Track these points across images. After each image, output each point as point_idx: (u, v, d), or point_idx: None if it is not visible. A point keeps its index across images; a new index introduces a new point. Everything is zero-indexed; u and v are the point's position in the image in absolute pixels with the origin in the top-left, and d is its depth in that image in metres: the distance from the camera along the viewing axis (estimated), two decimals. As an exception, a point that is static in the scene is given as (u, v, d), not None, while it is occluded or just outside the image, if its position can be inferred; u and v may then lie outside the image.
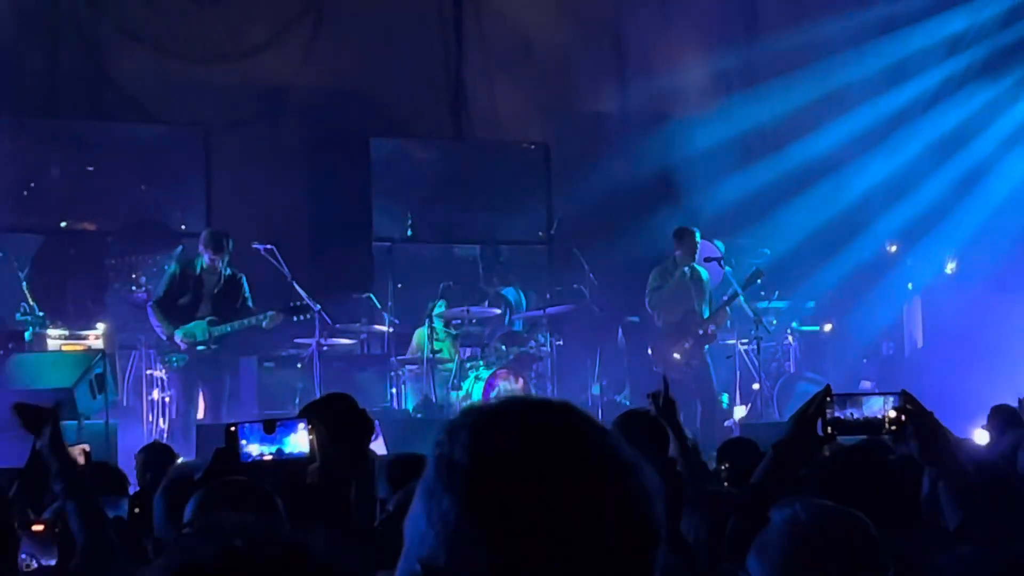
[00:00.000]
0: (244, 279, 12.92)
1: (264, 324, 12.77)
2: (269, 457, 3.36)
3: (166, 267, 13.27)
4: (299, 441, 3.35)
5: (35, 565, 4.34)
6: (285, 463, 3.35)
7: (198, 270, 12.80)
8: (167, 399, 13.42)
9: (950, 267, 17.00)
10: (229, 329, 12.71)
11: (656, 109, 16.77)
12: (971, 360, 15.25)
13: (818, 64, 16.93)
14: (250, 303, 12.90)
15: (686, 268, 13.74)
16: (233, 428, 3.39)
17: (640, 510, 1.69)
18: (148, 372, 13.76)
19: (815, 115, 17.02)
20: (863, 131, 17.34)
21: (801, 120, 16.96)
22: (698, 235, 13.79)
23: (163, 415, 13.51)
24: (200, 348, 12.71)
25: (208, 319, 12.69)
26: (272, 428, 3.38)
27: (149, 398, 13.67)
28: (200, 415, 12.87)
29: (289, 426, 3.38)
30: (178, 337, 12.66)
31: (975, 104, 17.29)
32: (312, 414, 3.82)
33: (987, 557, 3.85)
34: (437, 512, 1.67)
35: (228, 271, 12.83)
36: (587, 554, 1.64)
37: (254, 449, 3.36)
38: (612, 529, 1.66)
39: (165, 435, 12.86)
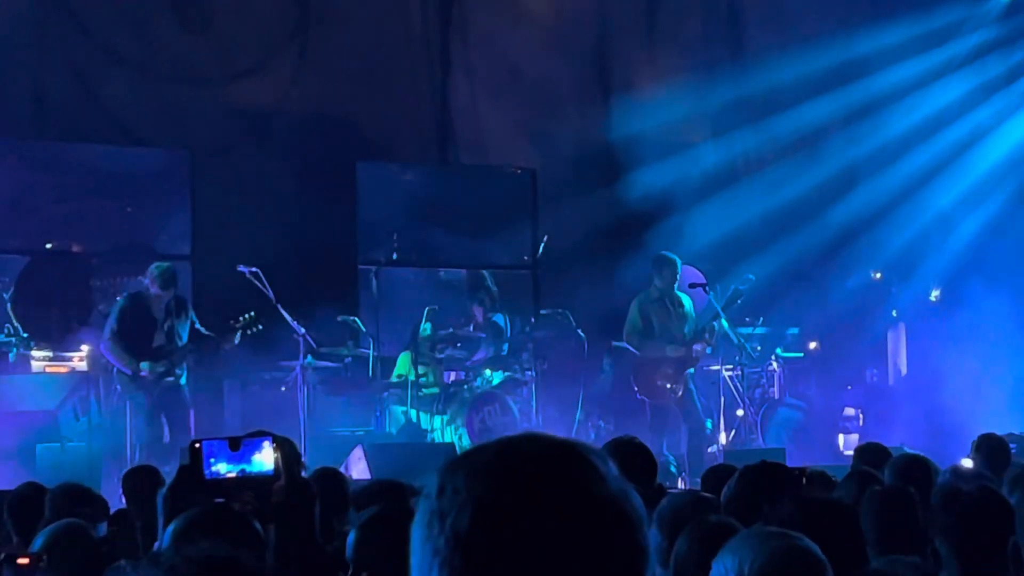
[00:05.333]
0: (189, 303, 12.89)
1: (225, 346, 12.78)
2: (234, 475, 3.35)
3: (114, 304, 13.04)
4: (264, 459, 3.35)
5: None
6: (250, 481, 3.34)
7: (147, 301, 12.71)
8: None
9: (934, 294, 17.04)
10: (171, 364, 12.67)
11: (642, 135, 16.80)
12: (956, 388, 15.27)
13: (806, 90, 16.98)
14: (197, 324, 12.88)
15: (667, 296, 13.72)
16: (198, 445, 3.39)
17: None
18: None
19: (803, 141, 17.07)
20: (851, 156, 17.40)
21: (788, 145, 17.00)
22: (679, 263, 13.79)
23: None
24: (169, 379, 12.64)
25: (149, 364, 12.56)
26: (237, 446, 3.37)
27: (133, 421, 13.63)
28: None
29: (255, 444, 3.37)
30: (145, 370, 12.51)
31: (965, 129, 17.37)
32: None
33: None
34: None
35: (173, 296, 12.78)
36: None
37: (220, 467, 3.35)
38: None
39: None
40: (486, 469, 1.73)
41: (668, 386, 13.50)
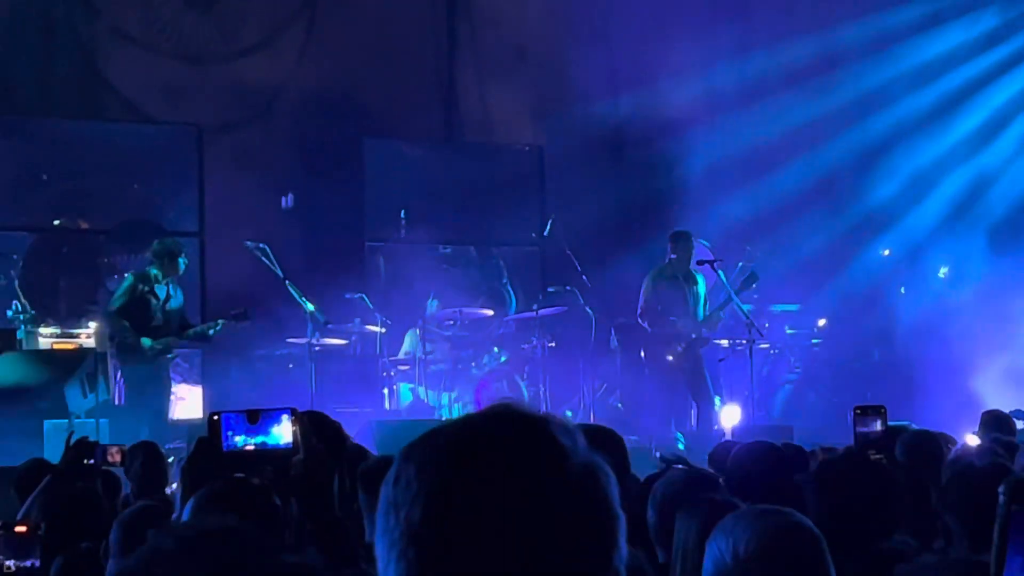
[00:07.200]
0: (181, 290, 12.93)
1: (212, 332, 12.83)
2: (252, 447, 3.34)
3: (124, 282, 13.01)
4: (283, 432, 3.34)
5: (13, 567, 4.31)
6: (268, 454, 3.33)
7: (152, 282, 12.71)
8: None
9: (942, 272, 17.01)
10: (185, 343, 12.87)
11: (647, 111, 16.78)
12: (963, 365, 15.24)
13: (813, 63, 16.92)
14: (185, 315, 12.96)
15: (681, 272, 13.67)
16: (216, 417, 3.38)
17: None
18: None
19: (808, 111, 17.01)
20: (858, 130, 17.35)
21: (794, 115, 16.94)
22: (693, 239, 13.76)
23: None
24: (169, 356, 12.74)
25: (165, 341, 12.65)
26: (256, 418, 3.36)
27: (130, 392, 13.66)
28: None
29: (273, 417, 3.36)
30: (146, 345, 12.54)
31: (975, 113, 17.33)
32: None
33: (948, 567, 3.86)
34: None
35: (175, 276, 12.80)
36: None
37: (237, 439, 3.34)
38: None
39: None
40: (438, 458, 1.66)
41: (679, 363, 13.46)
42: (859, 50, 17.22)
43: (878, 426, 6.74)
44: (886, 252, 17.19)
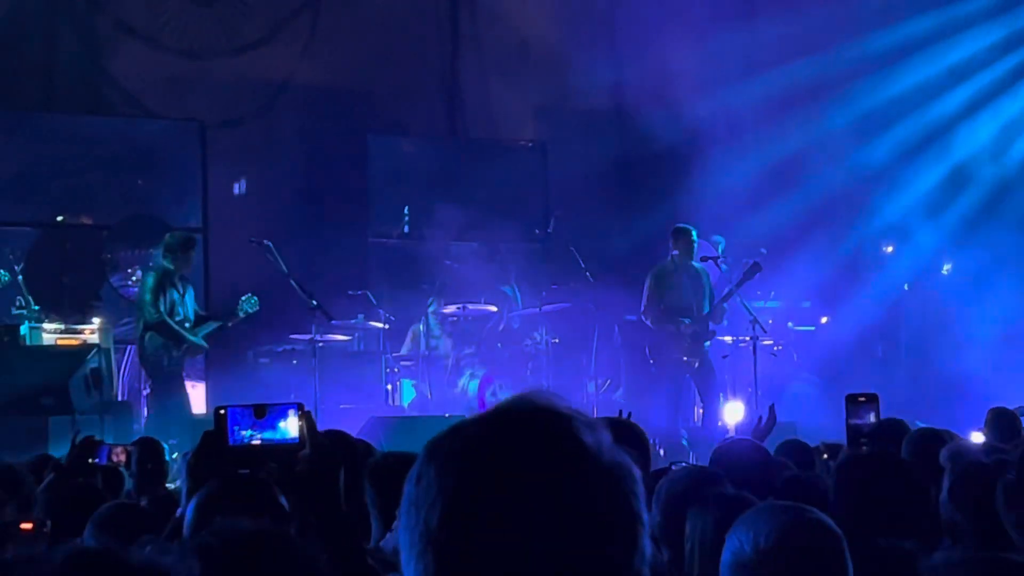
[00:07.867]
0: (190, 285, 12.93)
1: (230, 324, 12.87)
2: (258, 442, 3.34)
3: (148, 280, 12.91)
4: (289, 427, 3.33)
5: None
6: (275, 448, 3.33)
7: (172, 276, 12.67)
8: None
9: (946, 268, 17.01)
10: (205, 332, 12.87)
11: (651, 107, 16.76)
12: (967, 362, 15.24)
13: (815, 61, 16.91)
14: (197, 308, 12.96)
15: (684, 268, 13.64)
16: (223, 411, 3.37)
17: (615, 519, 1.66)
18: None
19: (812, 111, 17.00)
20: (862, 123, 17.34)
21: (799, 114, 16.94)
22: (695, 233, 13.74)
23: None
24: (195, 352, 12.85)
25: (196, 330, 12.68)
26: (263, 413, 3.35)
27: (144, 393, 13.67)
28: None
29: (280, 411, 3.36)
30: (200, 343, 12.63)
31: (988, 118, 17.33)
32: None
33: (973, 563, 3.85)
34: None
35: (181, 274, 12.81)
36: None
37: (244, 434, 3.34)
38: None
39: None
40: (461, 456, 1.64)
41: (684, 359, 13.45)
42: (867, 61, 17.18)
43: (872, 417, 6.72)
44: (889, 248, 17.19)
